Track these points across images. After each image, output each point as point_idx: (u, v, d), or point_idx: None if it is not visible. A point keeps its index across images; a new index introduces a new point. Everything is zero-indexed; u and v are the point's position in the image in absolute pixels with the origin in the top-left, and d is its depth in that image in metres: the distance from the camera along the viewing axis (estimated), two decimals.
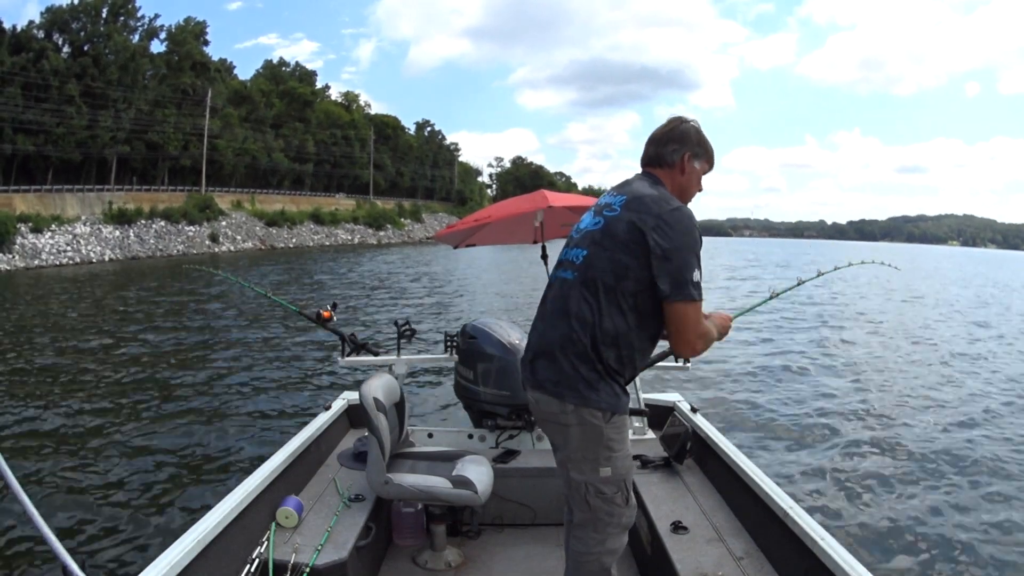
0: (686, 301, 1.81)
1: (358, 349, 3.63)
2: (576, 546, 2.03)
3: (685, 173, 1.98)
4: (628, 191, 1.94)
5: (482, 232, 4.13)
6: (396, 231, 73.02)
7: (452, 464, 2.79)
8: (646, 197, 1.88)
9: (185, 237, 48.18)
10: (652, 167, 2.01)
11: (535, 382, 1.96)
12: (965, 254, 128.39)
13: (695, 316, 1.84)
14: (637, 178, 2.01)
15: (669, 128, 2.00)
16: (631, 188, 1.95)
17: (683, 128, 1.99)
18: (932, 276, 41.45)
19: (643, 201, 1.87)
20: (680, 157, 1.97)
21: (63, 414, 7.19)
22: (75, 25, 48.53)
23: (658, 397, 3.78)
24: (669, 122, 2.03)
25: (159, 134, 51.38)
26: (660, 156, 1.98)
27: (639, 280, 1.83)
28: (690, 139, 1.98)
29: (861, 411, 7.94)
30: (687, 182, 1.99)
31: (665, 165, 1.98)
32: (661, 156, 1.98)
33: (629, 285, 1.84)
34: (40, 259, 35.50)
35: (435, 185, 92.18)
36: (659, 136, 2.00)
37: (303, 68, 75.89)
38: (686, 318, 1.83)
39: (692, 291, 1.80)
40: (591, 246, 1.93)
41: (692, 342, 1.87)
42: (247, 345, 11.61)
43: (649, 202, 1.86)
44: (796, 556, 2.12)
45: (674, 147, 1.97)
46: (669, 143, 1.97)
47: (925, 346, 13.36)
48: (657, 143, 2.00)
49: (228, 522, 2.21)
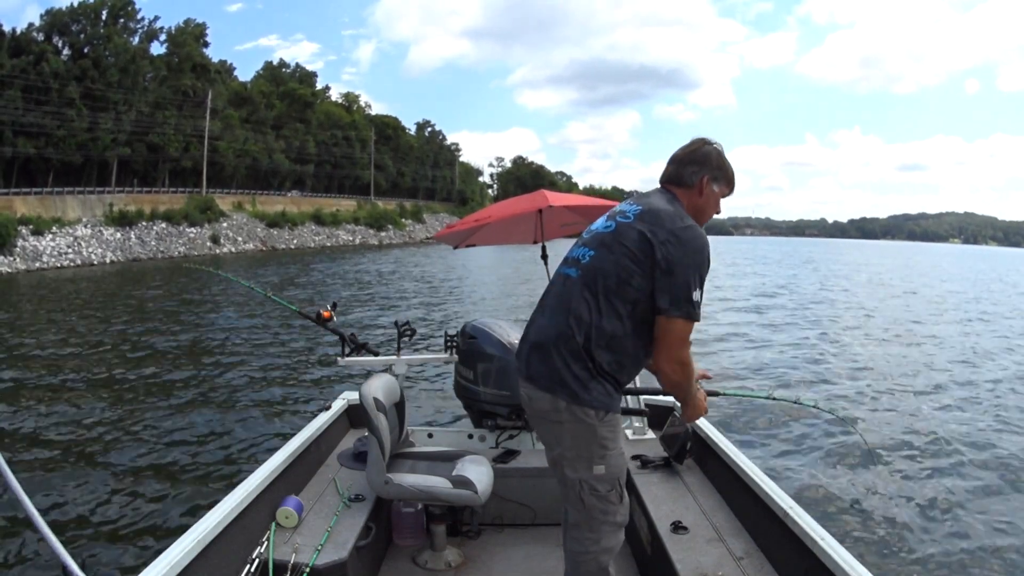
0: (681, 318, 1.82)
1: (358, 349, 3.63)
2: (573, 546, 2.04)
3: (703, 195, 2.00)
4: (645, 203, 1.97)
5: (482, 232, 4.13)
6: (397, 232, 72.99)
7: (452, 464, 2.79)
8: (662, 212, 1.90)
9: (186, 239, 48.18)
10: (671, 185, 2.03)
11: (527, 375, 1.99)
12: (966, 251, 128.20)
13: (685, 335, 1.86)
14: (656, 192, 2.04)
15: (691, 150, 2.02)
16: (648, 201, 1.98)
17: (704, 151, 2.01)
18: (927, 274, 41.41)
19: (658, 215, 1.89)
20: (699, 179, 1.99)
21: (63, 415, 7.20)
22: (75, 27, 48.56)
23: (658, 397, 3.78)
24: (692, 143, 2.04)
25: (160, 136, 51.41)
26: (680, 176, 2.00)
27: (640, 289, 1.85)
28: (710, 162, 2.00)
29: (861, 411, 7.93)
30: (704, 204, 2.02)
31: (684, 185, 2.00)
32: (681, 176, 2.00)
33: (630, 292, 1.86)
34: (41, 261, 35.51)
35: (436, 185, 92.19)
36: (680, 156, 2.03)
37: (303, 69, 75.99)
38: (674, 334, 1.85)
39: (689, 308, 1.82)
40: (599, 248, 1.95)
41: (673, 361, 1.89)
42: (247, 345, 11.63)
43: (664, 217, 1.88)
44: (796, 556, 2.12)
45: (694, 169, 1.99)
46: (690, 164, 1.99)
47: (926, 345, 13.35)
48: (678, 163, 2.02)
49: (228, 522, 2.20)
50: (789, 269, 41.97)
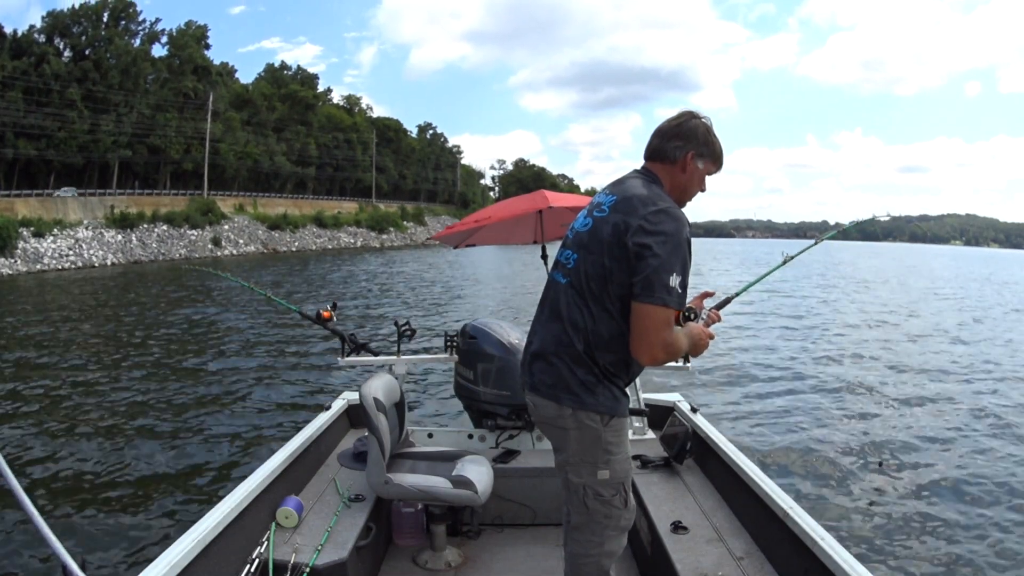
0: (654, 304, 1.72)
1: (358, 349, 3.63)
2: (574, 548, 2.01)
3: (687, 172, 1.90)
4: (619, 191, 1.90)
5: (482, 232, 4.13)
6: (399, 234, 73.06)
7: (452, 464, 2.79)
8: (635, 198, 1.82)
9: (187, 241, 48.24)
10: (653, 161, 1.93)
11: (532, 384, 1.96)
12: (969, 254, 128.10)
13: (661, 321, 1.74)
14: (632, 175, 1.95)
15: (677, 123, 1.90)
16: (623, 188, 1.90)
17: (691, 124, 1.89)
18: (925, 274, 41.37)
19: (631, 202, 1.82)
20: (683, 155, 1.88)
21: (63, 415, 7.21)
22: (76, 29, 48.74)
23: (658, 397, 3.78)
24: (679, 116, 1.92)
25: (161, 138, 51.56)
26: (663, 151, 1.90)
27: (622, 284, 1.79)
28: (696, 137, 1.88)
29: (861, 411, 7.92)
30: (688, 181, 1.92)
31: (667, 161, 1.90)
32: (664, 151, 1.90)
33: (615, 289, 1.81)
34: (42, 263, 35.55)
35: (438, 188, 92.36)
36: (665, 130, 1.91)
37: (304, 71, 76.16)
38: (649, 321, 1.74)
39: (663, 294, 1.71)
40: (579, 250, 1.91)
41: (651, 348, 1.76)
42: (247, 345, 11.64)
43: (637, 203, 1.81)
44: (796, 556, 2.12)
45: (678, 144, 1.88)
46: (674, 138, 1.89)
47: (928, 342, 13.34)
48: (662, 136, 1.91)
49: (228, 522, 2.21)
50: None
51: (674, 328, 1.78)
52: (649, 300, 1.73)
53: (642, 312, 1.75)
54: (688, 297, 1.84)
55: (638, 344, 1.78)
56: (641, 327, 1.76)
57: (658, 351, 1.76)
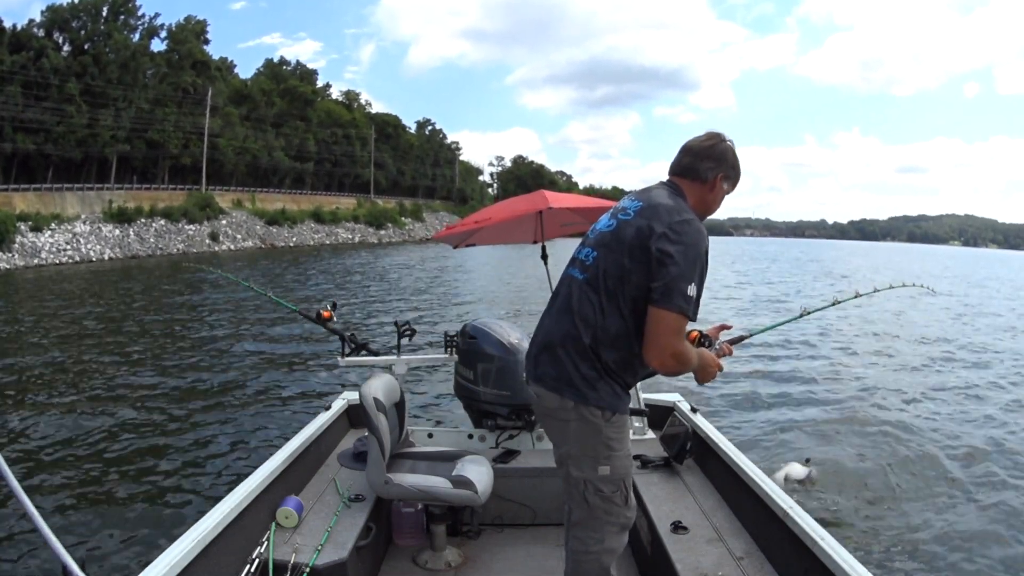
0: (671, 310, 1.78)
1: (358, 349, 3.63)
2: (575, 545, 2.03)
3: (714, 192, 2.00)
4: (646, 198, 1.96)
5: (482, 232, 4.11)
6: (397, 230, 72.97)
7: (452, 464, 2.79)
8: (661, 207, 1.89)
9: (185, 236, 48.15)
10: (682, 177, 2.00)
11: (536, 375, 2.00)
12: (967, 254, 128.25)
13: (675, 327, 1.81)
14: (658, 186, 2.02)
15: (710, 144, 1.99)
16: (649, 195, 1.97)
17: (722, 148, 1.99)
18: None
19: (657, 210, 1.88)
20: (715, 176, 1.97)
21: (63, 414, 7.19)
22: (75, 24, 48.53)
23: (658, 397, 3.79)
24: (709, 137, 2.01)
25: (159, 133, 51.38)
26: (696, 169, 1.98)
27: (639, 286, 1.84)
28: (727, 161, 1.99)
29: (862, 411, 7.93)
30: (712, 200, 2.01)
31: (697, 179, 1.98)
32: (696, 170, 1.98)
33: (631, 290, 1.86)
34: (40, 258, 35.50)
35: (436, 184, 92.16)
36: (698, 150, 1.99)
37: (303, 67, 75.98)
38: (663, 326, 1.80)
39: (680, 302, 1.78)
40: (600, 248, 1.96)
41: (662, 352, 1.82)
42: (246, 345, 11.61)
43: (663, 212, 1.87)
44: (796, 556, 2.13)
45: (710, 165, 1.97)
46: (707, 159, 1.97)
47: (928, 346, 13.35)
48: (695, 156, 1.99)
49: (228, 522, 2.21)
50: (781, 264, 41.90)
51: (685, 339, 1.86)
52: (667, 306, 1.79)
53: (658, 316, 1.81)
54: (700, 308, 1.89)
55: (650, 347, 1.85)
56: (655, 331, 1.82)
57: (668, 356, 1.84)
